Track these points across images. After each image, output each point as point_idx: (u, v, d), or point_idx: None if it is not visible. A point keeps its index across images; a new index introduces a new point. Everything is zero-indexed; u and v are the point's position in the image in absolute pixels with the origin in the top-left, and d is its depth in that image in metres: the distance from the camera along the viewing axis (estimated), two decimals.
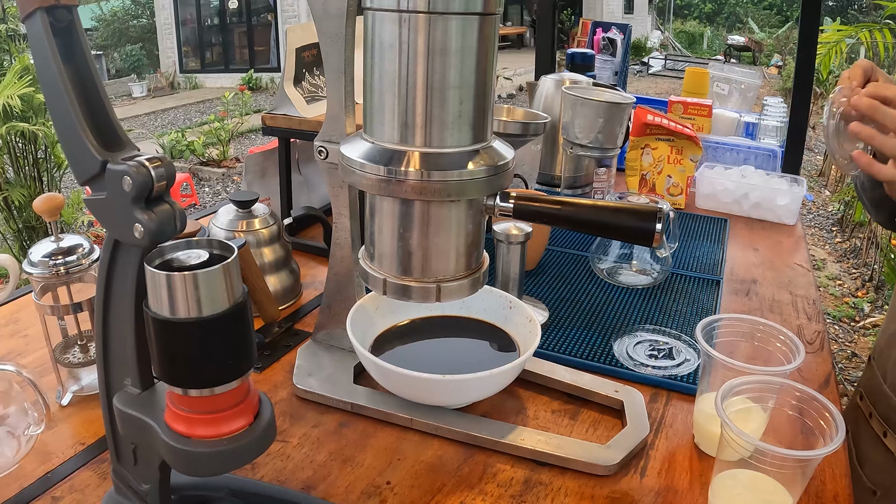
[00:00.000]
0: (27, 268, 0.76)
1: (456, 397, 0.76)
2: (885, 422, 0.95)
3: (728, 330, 0.75)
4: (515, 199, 0.65)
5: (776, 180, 1.47)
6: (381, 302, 0.86)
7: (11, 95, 3.77)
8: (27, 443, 0.70)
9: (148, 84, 12.29)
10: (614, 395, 0.80)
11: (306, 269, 1.15)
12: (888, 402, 0.95)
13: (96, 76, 0.52)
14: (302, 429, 0.76)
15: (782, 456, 0.57)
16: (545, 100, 1.51)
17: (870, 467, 0.99)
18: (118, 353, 0.55)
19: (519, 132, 1.16)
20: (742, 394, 0.65)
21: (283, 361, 0.89)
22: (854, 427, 1.02)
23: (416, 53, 0.57)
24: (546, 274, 1.14)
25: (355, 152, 0.62)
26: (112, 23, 14.67)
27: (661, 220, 0.63)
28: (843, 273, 4.25)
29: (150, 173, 0.49)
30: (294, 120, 1.17)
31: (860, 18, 15.29)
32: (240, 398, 0.51)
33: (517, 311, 0.86)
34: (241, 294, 0.50)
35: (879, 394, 0.98)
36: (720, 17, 23.61)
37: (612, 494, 0.68)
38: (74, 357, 0.81)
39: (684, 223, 1.40)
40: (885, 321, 1.03)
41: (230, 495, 0.65)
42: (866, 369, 1.05)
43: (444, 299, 0.66)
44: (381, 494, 0.67)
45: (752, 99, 2.10)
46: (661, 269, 1.11)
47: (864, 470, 1.00)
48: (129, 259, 0.52)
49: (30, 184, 4.07)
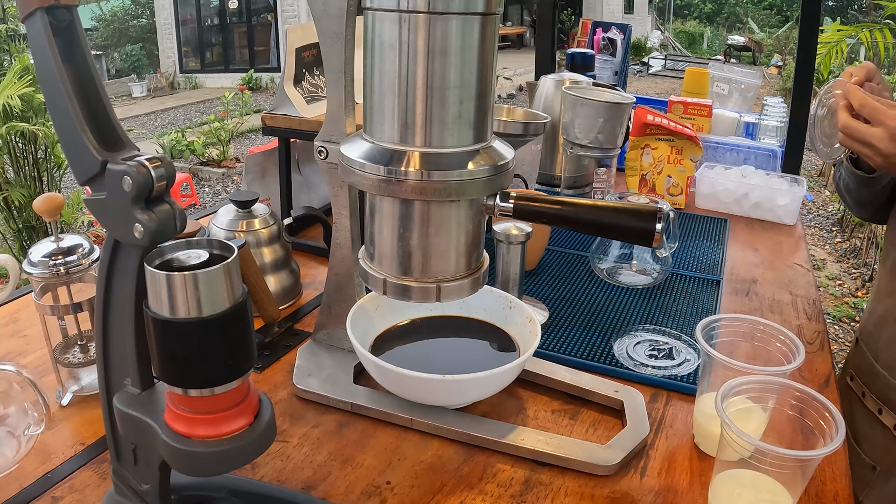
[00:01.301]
0: (27, 268, 0.76)
1: (456, 397, 0.76)
2: (882, 400, 0.98)
3: (728, 330, 0.75)
4: (515, 199, 0.65)
5: (776, 180, 1.47)
6: (381, 302, 0.86)
7: (11, 95, 3.77)
8: (27, 443, 0.70)
9: (148, 84, 12.28)
10: (614, 395, 0.80)
11: (306, 269, 1.15)
12: (883, 381, 0.97)
13: (96, 76, 0.52)
14: (302, 429, 0.76)
15: (782, 456, 0.57)
16: (545, 100, 1.51)
17: (867, 445, 1.00)
18: (118, 353, 0.55)
19: (519, 132, 1.16)
20: (742, 394, 0.65)
21: (283, 361, 0.89)
22: (847, 407, 1.04)
23: (416, 53, 0.57)
24: (546, 274, 1.14)
25: (355, 152, 0.62)
26: (112, 23, 14.66)
27: (661, 220, 0.63)
28: (843, 273, 4.25)
29: (150, 173, 0.49)
30: (294, 120, 1.17)
31: (860, 18, 15.29)
32: (240, 398, 0.51)
33: (517, 311, 0.86)
34: (241, 294, 0.50)
35: (872, 374, 1.00)
36: (720, 17, 23.60)
37: (612, 494, 0.68)
38: (74, 357, 0.81)
39: (684, 223, 1.40)
40: (872, 302, 1.05)
41: (230, 495, 0.65)
42: (854, 350, 1.08)
43: (444, 299, 0.66)
44: (381, 494, 0.67)
45: (752, 99, 2.10)
46: (661, 269, 1.11)
47: (862, 448, 1.01)
48: (129, 259, 0.52)
49: (30, 184, 4.07)
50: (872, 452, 1.00)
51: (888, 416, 0.96)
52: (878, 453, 0.99)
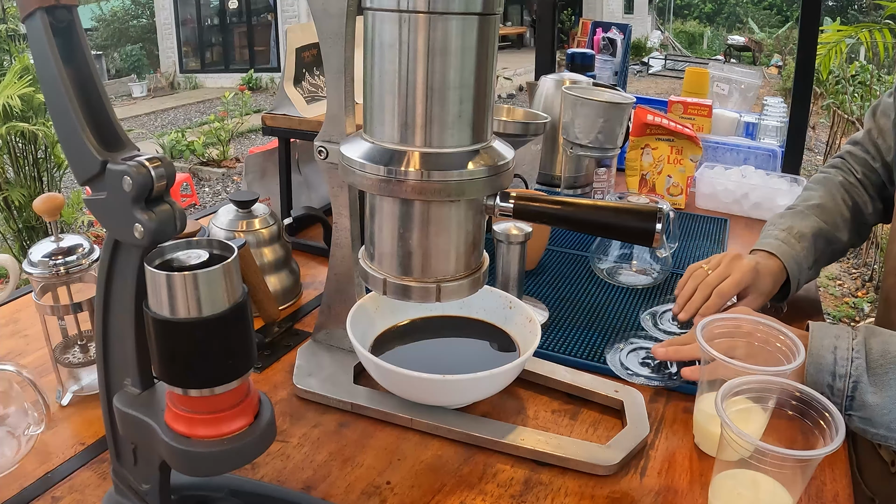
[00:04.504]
0: (27, 268, 0.76)
1: (456, 397, 0.76)
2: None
3: (728, 330, 0.75)
4: (515, 199, 0.65)
5: (776, 180, 1.47)
6: (381, 302, 0.86)
7: (11, 95, 3.77)
8: (27, 443, 0.70)
9: (148, 84, 12.28)
10: (614, 395, 0.80)
11: (306, 269, 1.15)
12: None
13: (96, 76, 0.52)
14: (302, 429, 0.76)
15: (782, 456, 0.57)
16: (545, 100, 1.51)
17: (868, 474, 0.99)
18: (118, 353, 0.55)
19: (519, 132, 1.16)
20: (742, 394, 0.65)
21: (283, 361, 0.89)
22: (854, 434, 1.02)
23: (416, 53, 0.57)
24: (546, 274, 1.14)
25: (355, 152, 0.62)
26: (112, 23, 14.66)
27: (661, 220, 0.63)
28: (843, 273, 4.25)
29: (150, 173, 0.49)
30: (294, 120, 1.17)
31: (860, 18, 15.30)
32: (240, 398, 0.51)
33: (517, 311, 0.86)
34: (241, 294, 0.50)
35: None
36: (720, 17, 23.61)
37: (612, 494, 0.68)
38: (74, 357, 0.81)
39: (684, 223, 1.40)
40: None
41: (230, 495, 0.65)
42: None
43: (444, 299, 0.66)
44: (381, 494, 0.67)
45: (752, 99, 2.10)
46: (661, 269, 1.11)
47: (864, 477, 1.00)
48: (129, 259, 0.52)
49: (30, 184, 4.07)
50: (872, 482, 0.99)
51: (886, 451, 0.95)
52: (877, 484, 0.98)
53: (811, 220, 1.02)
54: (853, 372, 0.72)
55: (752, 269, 0.93)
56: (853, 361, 0.72)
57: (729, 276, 0.92)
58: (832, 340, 0.74)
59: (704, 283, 0.93)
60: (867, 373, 0.71)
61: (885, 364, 0.71)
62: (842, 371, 0.72)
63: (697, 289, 0.93)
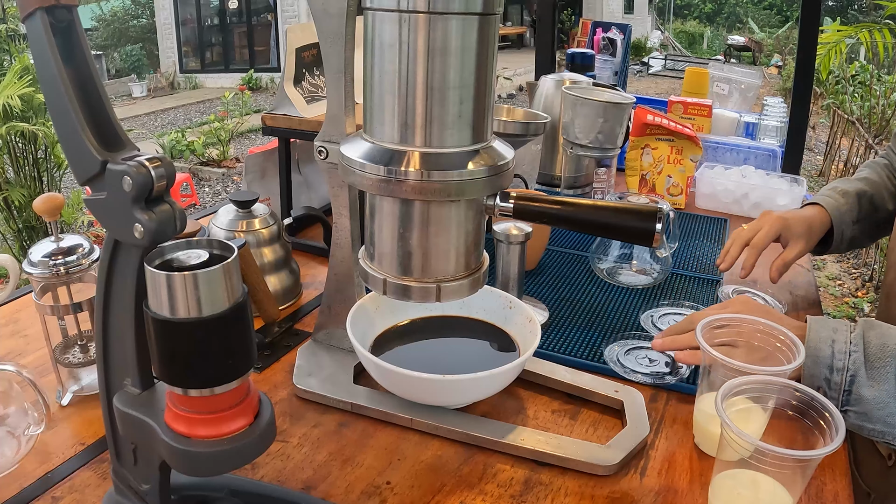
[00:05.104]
0: (27, 268, 0.76)
1: (456, 397, 0.76)
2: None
3: (728, 330, 0.75)
4: (515, 199, 0.65)
5: (776, 180, 1.47)
6: (381, 302, 0.86)
7: (11, 95, 3.77)
8: (27, 443, 0.70)
9: (148, 84, 12.28)
10: (614, 395, 0.80)
11: (306, 269, 1.15)
12: None
13: (96, 76, 0.52)
14: (302, 429, 0.76)
15: (782, 456, 0.57)
16: (545, 100, 1.51)
17: (866, 470, 0.99)
18: (118, 353, 0.55)
19: (519, 132, 1.16)
20: (742, 394, 0.65)
21: (283, 361, 0.89)
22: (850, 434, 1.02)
23: (416, 53, 0.57)
24: (546, 274, 1.14)
25: (355, 152, 0.62)
26: (112, 23, 14.67)
27: (661, 220, 0.63)
28: (843, 273, 4.25)
29: (150, 173, 0.49)
30: (294, 120, 1.17)
31: (860, 18, 15.30)
32: (240, 398, 0.51)
33: (517, 311, 0.86)
34: (241, 294, 0.50)
35: None
36: (720, 17, 23.61)
37: (612, 494, 0.68)
38: (74, 357, 0.81)
39: (684, 223, 1.40)
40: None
41: (230, 495, 0.65)
42: None
43: (444, 299, 0.66)
44: (381, 494, 0.67)
45: (752, 99, 2.11)
46: (661, 269, 1.11)
47: (861, 472, 1.00)
48: (129, 259, 0.52)
49: (30, 184, 4.07)
50: (869, 478, 0.99)
51: (883, 446, 0.95)
52: (874, 480, 0.98)
53: (856, 184, 1.11)
54: (851, 365, 0.71)
55: (779, 217, 1.04)
56: (851, 355, 0.72)
57: (761, 230, 1.04)
58: (830, 333, 0.74)
59: (739, 238, 1.05)
60: (865, 366, 0.71)
61: (884, 357, 0.71)
62: (839, 364, 0.72)
63: (734, 243, 1.05)
